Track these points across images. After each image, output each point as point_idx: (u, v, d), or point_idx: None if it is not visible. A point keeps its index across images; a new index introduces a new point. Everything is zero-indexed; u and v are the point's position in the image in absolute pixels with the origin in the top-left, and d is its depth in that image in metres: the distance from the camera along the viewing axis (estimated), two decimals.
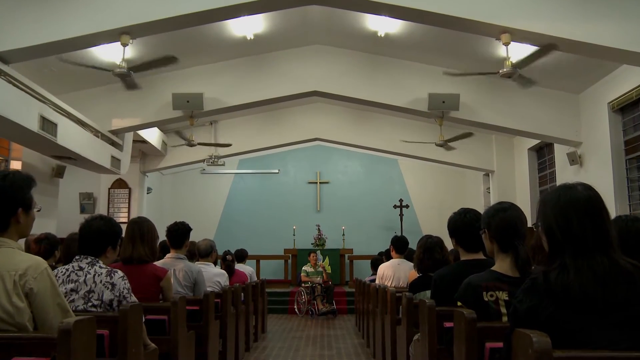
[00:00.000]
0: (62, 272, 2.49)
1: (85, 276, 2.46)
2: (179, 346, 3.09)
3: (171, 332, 3.07)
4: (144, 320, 2.59)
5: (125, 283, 2.52)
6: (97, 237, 2.57)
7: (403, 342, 3.51)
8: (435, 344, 2.62)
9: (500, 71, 5.78)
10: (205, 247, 4.83)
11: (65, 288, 2.43)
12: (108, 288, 2.46)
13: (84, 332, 1.74)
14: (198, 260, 4.86)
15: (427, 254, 3.52)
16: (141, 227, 3.34)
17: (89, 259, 2.53)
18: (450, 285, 2.72)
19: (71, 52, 6.17)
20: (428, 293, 3.42)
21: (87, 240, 2.56)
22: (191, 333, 3.54)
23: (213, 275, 4.77)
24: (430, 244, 3.57)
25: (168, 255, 4.19)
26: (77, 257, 2.54)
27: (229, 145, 9.64)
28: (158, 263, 4.08)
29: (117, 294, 2.48)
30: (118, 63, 5.89)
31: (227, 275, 4.96)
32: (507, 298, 2.05)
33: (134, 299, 2.53)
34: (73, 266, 2.50)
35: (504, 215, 2.16)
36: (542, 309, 1.44)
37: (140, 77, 8.26)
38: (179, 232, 4.21)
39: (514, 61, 5.78)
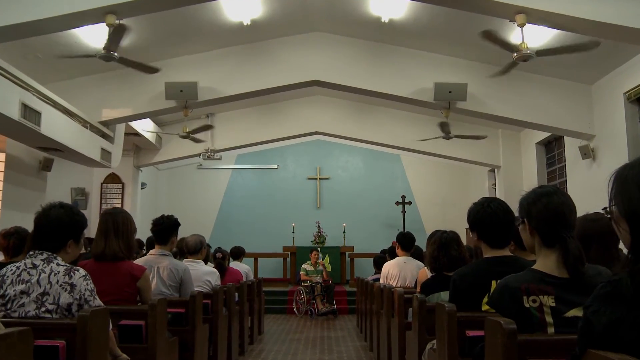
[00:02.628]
0: (11, 270, 2.08)
1: (39, 275, 2.05)
2: (158, 355, 2.69)
3: (148, 339, 2.67)
4: (111, 327, 2.18)
5: (87, 284, 2.11)
6: (56, 228, 2.16)
7: (414, 350, 3.10)
8: (456, 357, 2.22)
9: (515, 55, 5.37)
10: (194, 243, 4.41)
11: (14, 290, 2.02)
12: (66, 290, 2.05)
13: (12, 349, 1.34)
14: (187, 258, 4.46)
15: (443, 250, 3.11)
16: (115, 219, 2.93)
17: (45, 255, 2.12)
18: (472, 286, 2.34)
19: (53, 33, 5.75)
20: (443, 295, 3.02)
21: (43, 232, 2.16)
22: (174, 339, 3.14)
23: (203, 273, 4.35)
24: (446, 239, 3.15)
25: (152, 251, 3.79)
26: (30, 253, 2.13)
27: (210, 127, 9.25)
28: (140, 260, 3.70)
29: (77, 297, 2.06)
30: (103, 45, 5.44)
31: (218, 273, 4.55)
32: (553, 304, 1.65)
33: (98, 302, 2.12)
34: (25, 263, 2.09)
35: (549, 201, 1.75)
36: (630, 324, 1.03)
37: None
38: (164, 226, 3.81)
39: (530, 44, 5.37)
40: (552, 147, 10.22)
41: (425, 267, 3.67)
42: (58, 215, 2.17)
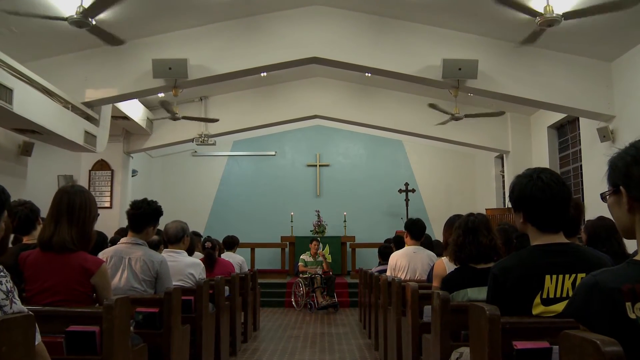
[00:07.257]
0: None
1: None
2: None
3: (103, 348, 2.12)
4: (39, 340, 1.63)
5: (2, 282, 1.55)
6: None
7: (434, 357, 2.56)
8: None
9: (537, 19, 4.79)
10: (175, 231, 3.84)
11: None
12: None
13: None
14: (167, 248, 3.90)
15: (470, 237, 2.53)
16: (72, 199, 2.37)
17: None
18: (519, 283, 1.79)
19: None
20: (470, 292, 2.47)
21: None
22: (141, 347, 2.59)
23: (185, 265, 3.79)
24: (474, 223, 2.58)
25: (123, 239, 3.24)
26: None
27: (216, 120, 8.69)
28: (109, 249, 3.16)
29: None
30: (75, 12, 4.86)
31: (202, 265, 3.99)
32: None
33: (17, 307, 1.56)
34: None
35: None
36: None
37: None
38: (142, 212, 3.25)
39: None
40: (565, 131, 9.68)
41: (443, 258, 3.12)
42: None
